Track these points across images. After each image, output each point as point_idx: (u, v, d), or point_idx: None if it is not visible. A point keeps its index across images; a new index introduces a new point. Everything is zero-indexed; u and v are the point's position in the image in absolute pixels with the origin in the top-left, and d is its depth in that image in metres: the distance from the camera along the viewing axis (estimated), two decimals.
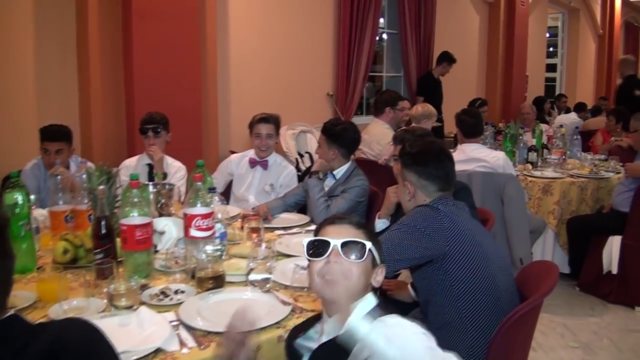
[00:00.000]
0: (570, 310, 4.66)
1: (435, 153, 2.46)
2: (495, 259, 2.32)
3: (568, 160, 5.69)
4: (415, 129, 3.34)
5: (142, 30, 4.87)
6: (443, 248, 2.24)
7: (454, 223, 2.27)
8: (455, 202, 2.42)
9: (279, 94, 6.27)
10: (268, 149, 4.14)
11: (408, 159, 2.49)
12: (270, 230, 3.27)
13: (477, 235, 2.32)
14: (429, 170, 2.43)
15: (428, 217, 2.29)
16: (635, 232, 4.65)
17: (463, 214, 2.38)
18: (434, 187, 2.43)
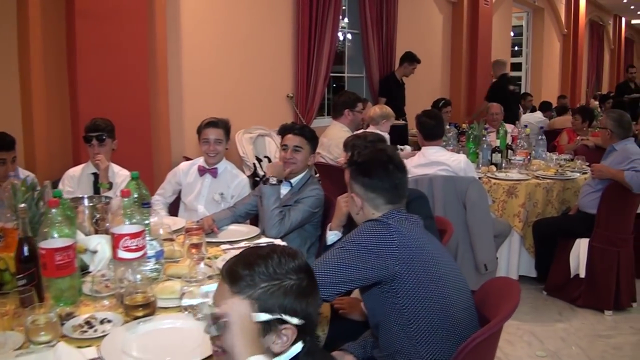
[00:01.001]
0: (537, 317, 4.51)
1: (382, 163, 2.23)
2: (451, 279, 2.12)
3: (533, 161, 5.54)
4: (367, 135, 3.11)
5: (85, 31, 4.60)
6: (392, 268, 2.02)
7: (405, 240, 2.07)
8: (408, 215, 2.20)
9: (235, 97, 6.04)
10: (217, 155, 3.92)
11: (354, 169, 2.28)
12: (216, 245, 3.06)
13: (432, 252, 2.12)
14: (375, 182, 2.21)
15: (377, 233, 2.08)
16: (603, 234, 4.53)
17: (416, 228, 2.16)
18: (382, 200, 2.21)
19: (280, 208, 3.29)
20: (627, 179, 4.31)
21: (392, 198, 2.22)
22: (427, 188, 4.23)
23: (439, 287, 2.06)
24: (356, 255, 2.04)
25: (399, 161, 2.28)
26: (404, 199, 2.28)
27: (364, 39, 7.79)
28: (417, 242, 2.09)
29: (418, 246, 2.08)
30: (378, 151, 2.30)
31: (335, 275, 2.01)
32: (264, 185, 3.36)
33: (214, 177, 3.94)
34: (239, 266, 1.44)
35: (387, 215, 2.17)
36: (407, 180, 2.30)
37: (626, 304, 4.63)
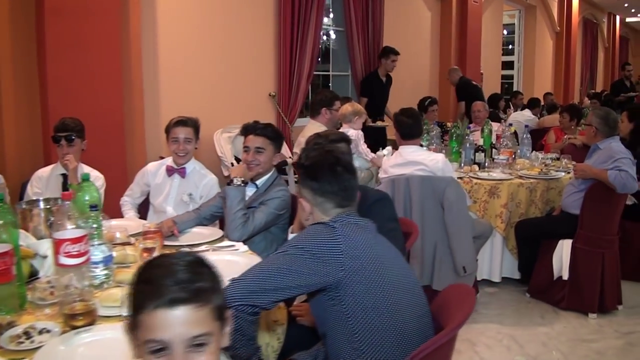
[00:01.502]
0: (518, 320, 4.39)
1: (329, 165, 2.11)
2: (403, 285, 2.00)
3: (517, 160, 5.42)
4: (329, 134, 2.98)
5: (55, 28, 4.47)
6: (337, 274, 1.90)
7: (351, 245, 1.95)
8: (358, 219, 2.08)
9: (215, 95, 5.91)
10: (186, 154, 3.81)
11: (302, 173, 2.17)
12: (174, 249, 2.93)
13: (382, 258, 2.00)
14: (323, 185, 2.09)
15: (321, 237, 1.96)
16: (586, 236, 4.41)
17: (365, 233, 2.04)
18: (331, 204, 2.10)
19: (244, 210, 3.16)
20: (610, 178, 4.19)
21: (341, 202, 2.11)
22: (404, 188, 4.12)
23: (388, 294, 1.94)
24: (298, 260, 1.91)
25: (347, 162, 2.17)
26: (353, 201, 2.16)
27: (348, 36, 7.67)
28: (364, 247, 1.97)
29: (366, 251, 1.96)
30: (325, 153, 2.19)
31: (274, 281, 1.88)
32: (227, 186, 3.24)
33: (182, 178, 3.83)
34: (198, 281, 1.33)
35: (334, 219, 2.05)
36: (356, 182, 2.19)
37: (611, 306, 4.51)
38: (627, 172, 4.19)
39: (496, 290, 4.93)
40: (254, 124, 3.43)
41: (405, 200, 4.15)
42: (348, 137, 2.98)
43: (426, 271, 4.18)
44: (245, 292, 1.85)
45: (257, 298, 1.86)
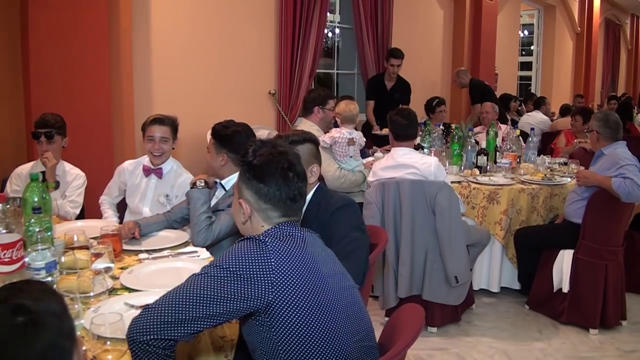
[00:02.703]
0: (514, 334, 4.16)
1: (281, 168, 1.88)
2: (344, 310, 1.80)
3: (521, 165, 5.18)
4: (290, 135, 2.74)
5: (40, 21, 4.34)
6: (267, 296, 1.69)
7: (285, 262, 1.73)
8: (297, 231, 1.87)
9: (212, 93, 5.74)
10: (162, 154, 3.65)
11: (246, 170, 1.93)
12: (134, 254, 2.76)
13: (322, 277, 1.79)
14: (271, 189, 1.87)
15: (249, 255, 1.73)
16: (588, 246, 4.17)
17: (305, 248, 1.82)
18: (276, 213, 1.89)
19: (209, 213, 2.99)
20: (614, 186, 3.95)
21: (287, 211, 1.90)
22: (394, 192, 3.93)
23: (324, 318, 1.73)
24: (221, 283, 1.68)
25: (300, 169, 1.95)
26: (300, 211, 1.97)
27: (357, 34, 7.46)
28: (300, 265, 1.76)
29: (302, 270, 1.75)
30: (279, 154, 1.94)
31: (191, 310, 1.65)
32: (191, 189, 3.08)
33: (159, 178, 3.68)
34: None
35: (268, 231, 1.84)
36: (306, 190, 1.98)
37: (614, 322, 4.26)
38: (633, 179, 3.94)
39: (494, 300, 4.70)
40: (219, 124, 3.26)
41: (395, 205, 3.95)
42: (315, 138, 2.76)
43: (416, 280, 3.98)
44: (158, 323, 1.63)
45: (171, 331, 1.64)
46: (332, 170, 4.52)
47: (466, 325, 4.25)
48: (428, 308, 4.06)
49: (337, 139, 4.57)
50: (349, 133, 4.60)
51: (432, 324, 4.11)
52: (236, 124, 3.26)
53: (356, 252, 2.36)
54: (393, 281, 3.99)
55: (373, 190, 4.07)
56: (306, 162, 2.60)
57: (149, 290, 2.25)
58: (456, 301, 4.04)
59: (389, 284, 4.00)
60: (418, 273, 3.96)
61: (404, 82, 7.28)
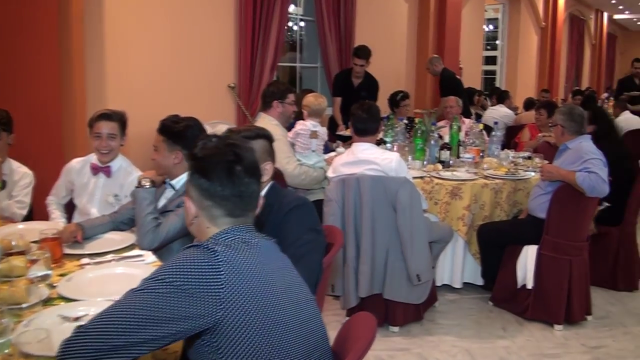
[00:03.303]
0: (477, 332, 4.07)
1: (226, 162, 1.71)
2: (298, 324, 1.64)
3: (485, 159, 5.10)
4: (242, 130, 2.57)
5: None
6: (215, 313, 1.50)
7: (237, 273, 1.55)
8: (252, 236, 1.71)
9: (168, 87, 5.53)
10: (110, 151, 3.47)
11: (191, 165, 1.77)
12: (76, 258, 2.60)
13: (276, 289, 1.62)
14: (213, 186, 1.69)
15: (195, 265, 1.53)
16: (553, 242, 4.10)
17: (260, 255, 1.66)
18: (220, 212, 1.71)
19: (155, 214, 2.83)
20: (578, 180, 3.87)
21: (233, 210, 1.71)
22: (354, 189, 3.80)
23: (277, 339, 1.57)
24: (163, 301, 1.47)
25: (250, 163, 1.76)
26: (251, 211, 1.78)
27: (319, 27, 7.31)
28: (254, 278, 1.58)
29: (255, 283, 1.57)
30: (226, 146, 1.76)
31: (128, 334, 1.43)
32: (136, 188, 2.91)
33: (107, 177, 3.50)
34: None
35: (217, 237, 1.67)
36: (258, 188, 1.79)
37: (579, 317, 4.20)
38: (597, 174, 3.86)
39: (457, 297, 4.62)
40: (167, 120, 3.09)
41: (355, 202, 3.83)
42: (269, 134, 2.61)
43: (377, 278, 3.86)
44: (90, 351, 1.41)
45: (106, 359, 1.43)
46: (292, 167, 4.38)
47: (429, 323, 4.15)
48: (390, 307, 3.97)
49: (299, 130, 4.45)
50: (312, 125, 4.48)
51: (394, 323, 4.00)
52: (186, 118, 3.11)
53: (309, 255, 2.23)
54: (353, 280, 3.87)
55: (333, 187, 3.95)
56: (259, 159, 2.46)
57: (87, 300, 2.09)
58: (418, 300, 3.93)
59: (349, 283, 3.88)
60: (379, 271, 3.85)
61: (371, 79, 7.11)
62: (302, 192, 4.55)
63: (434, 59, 8.31)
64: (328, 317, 4.17)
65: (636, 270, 4.95)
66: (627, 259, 4.89)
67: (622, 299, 4.70)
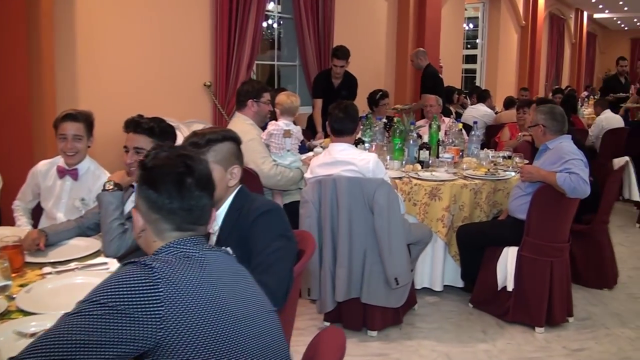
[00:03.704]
0: (458, 335, 3.99)
1: (176, 174, 1.62)
2: (255, 341, 1.54)
3: (464, 159, 5.02)
4: (206, 132, 2.40)
5: None
6: (155, 334, 1.39)
7: (178, 290, 1.44)
8: (196, 251, 1.58)
9: (142, 85, 5.39)
10: (76, 153, 3.33)
11: (140, 176, 1.67)
12: (38, 267, 2.47)
13: (225, 307, 1.50)
14: (162, 199, 1.60)
15: (133, 284, 1.42)
16: (533, 243, 4.04)
17: (205, 271, 1.54)
18: (168, 226, 1.61)
19: (122, 220, 2.71)
20: (559, 181, 3.80)
21: (181, 224, 1.62)
22: (331, 190, 3.71)
23: (225, 351, 1.46)
24: (98, 324, 1.36)
25: (202, 175, 1.67)
26: (202, 226, 1.68)
27: (297, 25, 7.19)
28: (197, 293, 1.47)
29: (199, 299, 1.46)
30: (177, 157, 1.66)
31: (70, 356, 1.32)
32: (101, 192, 2.79)
33: (74, 180, 3.36)
34: None
35: (159, 251, 1.58)
36: (210, 202, 1.69)
37: (561, 319, 4.14)
38: (578, 174, 3.79)
39: (437, 300, 4.54)
40: (135, 119, 2.96)
41: (332, 203, 3.74)
42: (236, 136, 2.49)
43: (354, 282, 3.76)
44: None
45: None
46: (267, 167, 4.26)
47: (408, 327, 4.07)
48: (367, 311, 3.88)
49: (272, 131, 4.33)
50: (285, 125, 4.37)
51: (372, 327, 3.91)
52: (154, 118, 2.99)
53: (278, 263, 2.12)
54: (330, 284, 3.77)
55: (309, 188, 3.84)
56: (226, 162, 2.36)
57: (46, 313, 1.97)
58: (397, 303, 3.84)
59: (326, 287, 3.78)
60: (356, 275, 3.75)
61: (351, 77, 6.98)
62: (278, 193, 4.44)
63: (420, 52, 8.22)
64: (305, 322, 4.09)
65: (609, 270, 4.93)
66: (599, 258, 4.87)
67: (604, 300, 4.66)
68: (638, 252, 5.99)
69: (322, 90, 6.82)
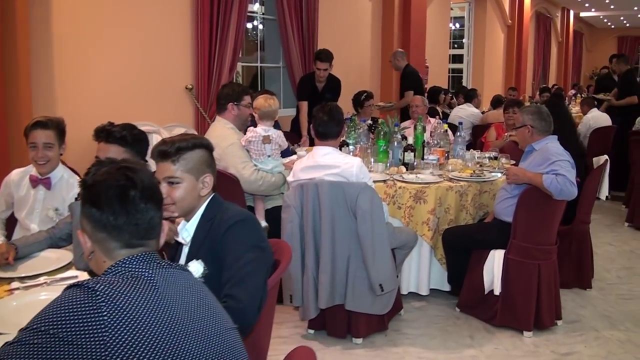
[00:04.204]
0: (444, 341, 3.91)
1: (119, 188, 1.52)
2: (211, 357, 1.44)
3: (450, 160, 4.94)
4: (175, 140, 2.28)
5: None
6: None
7: (123, 315, 1.34)
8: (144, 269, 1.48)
9: (121, 89, 5.27)
10: (47, 162, 3.22)
11: (82, 195, 1.58)
12: (7, 282, 2.36)
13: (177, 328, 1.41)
14: (106, 216, 1.50)
15: (75, 309, 1.32)
16: (520, 246, 3.96)
17: (154, 291, 1.44)
18: (116, 243, 1.51)
19: None
20: (545, 183, 3.72)
21: (129, 240, 1.52)
22: (313, 195, 3.62)
23: None
24: (42, 353, 1.28)
25: (146, 186, 1.56)
26: (152, 240, 1.58)
27: (281, 26, 7.10)
28: (145, 315, 1.37)
29: (147, 321, 1.37)
30: (117, 170, 1.56)
31: None
32: (75, 201, 2.68)
33: (47, 189, 3.25)
34: None
35: (106, 272, 1.48)
36: (158, 214, 1.59)
37: (549, 323, 4.06)
38: (565, 176, 3.72)
39: (424, 304, 4.46)
40: (106, 128, 2.86)
41: (314, 208, 3.65)
42: (208, 143, 2.37)
43: (338, 289, 3.67)
44: None
45: None
46: (248, 172, 4.15)
47: (394, 334, 3.98)
48: (352, 317, 3.79)
49: (250, 138, 4.22)
50: (264, 130, 4.26)
51: (357, 335, 3.82)
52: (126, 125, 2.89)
53: (251, 276, 2.02)
54: (313, 290, 3.68)
55: (292, 192, 3.76)
56: (197, 171, 2.26)
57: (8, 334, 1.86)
58: (382, 310, 3.75)
59: (309, 294, 3.69)
60: (340, 281, 3.66)
61: (334, 79, 6.88)
62: (260, 198, 4.34)
63: (398, 53, 8.18)
64: (288, 330, 4.01)
65: (589, 270, 4.89)
66: (579, 258, 4.82)
67: (593, 301, 4.60)
68: (627, 252, 5.93)
69: (307, 93, 6.71)
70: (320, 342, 3.85)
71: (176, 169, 2.22)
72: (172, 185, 2.22)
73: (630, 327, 4.16)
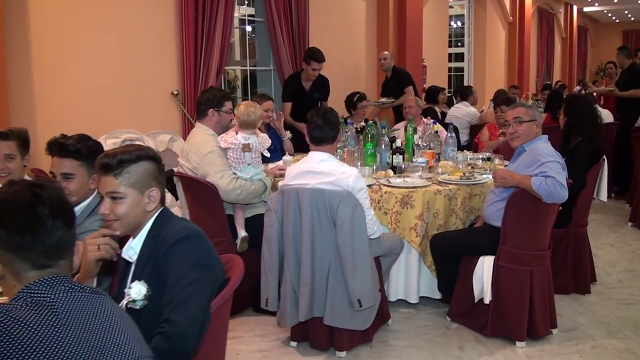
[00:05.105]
0: (432, 353, 3.74)
1: (25, 205, 1.43)
2: None
3: (440, 163, 4.78)
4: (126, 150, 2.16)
5: None
6: None
7: (14, 346, 1.25)
8: (50, 293, 1.39)
9: (105, 95, 5.15)
10: (9, 174, 3.11)
11: None
12: None
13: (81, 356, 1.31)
14: (12, 236, 1.41)
15: None
16: (510, 252, 3.78)
17: (55, 318, 1.34)
18: (24, 265, 1.43)
19: None
20: (534, 186, 3.55)
21: (38, 260, 1.43)
22: (294, 201, 3.46)
23: None
24: None
25: (55, 203, 1.48)
26: (64, 260, 1.48)
27: (270, 28, 6.96)
28: (43, 345, 1.28)
29: (45, 352, 1.27)
30: (24, 187, 1.47)
31: None
32: None
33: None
34: None
35: (14, 298, 1.37)
36: (68, 232, 1.51)
37: (544, 331, 3.88)
38: (554, 178, 3.55)
39: (413, 312, 4.29)
40: (59, 141, 2.73)
41: (294, 215, 3.48)
42: (155, 155, 2.21)
43: (318, 301, 3.50)
44: None
45: None
46: (225, 182, 3.99)
47: (380, 345, 3.81)
48: (335, 329, 3.62)
49: (229, 145, 4.07)
50: (244, 138, 4.09)
51: (340, 347, 3.64)
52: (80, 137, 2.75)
53: (191, 299, 1.87)
54: (292, 300, 3.52)
55: (275, 196, 3.60)
56: (141, 185, 2.11)
57: None
58: (362, 326, 3.55)
59: (287, 302, 3.52)
60: (319, 294, 3.49)
61: (322, 78, 6.78)
62: (240, 206, 4.19)
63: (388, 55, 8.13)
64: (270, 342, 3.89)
65: (588, 275, 4.71)
66: (577, 262, 4.65)
67: (591, 307, 4.42)
68: (629, 253, 5.73)
69: (293, 93, 6.65)
70: (302, 354, 3.71)
71: (119, 183, 2.08)
72: (114, 200, 2.08)
73: (629, 335, 3.97)
